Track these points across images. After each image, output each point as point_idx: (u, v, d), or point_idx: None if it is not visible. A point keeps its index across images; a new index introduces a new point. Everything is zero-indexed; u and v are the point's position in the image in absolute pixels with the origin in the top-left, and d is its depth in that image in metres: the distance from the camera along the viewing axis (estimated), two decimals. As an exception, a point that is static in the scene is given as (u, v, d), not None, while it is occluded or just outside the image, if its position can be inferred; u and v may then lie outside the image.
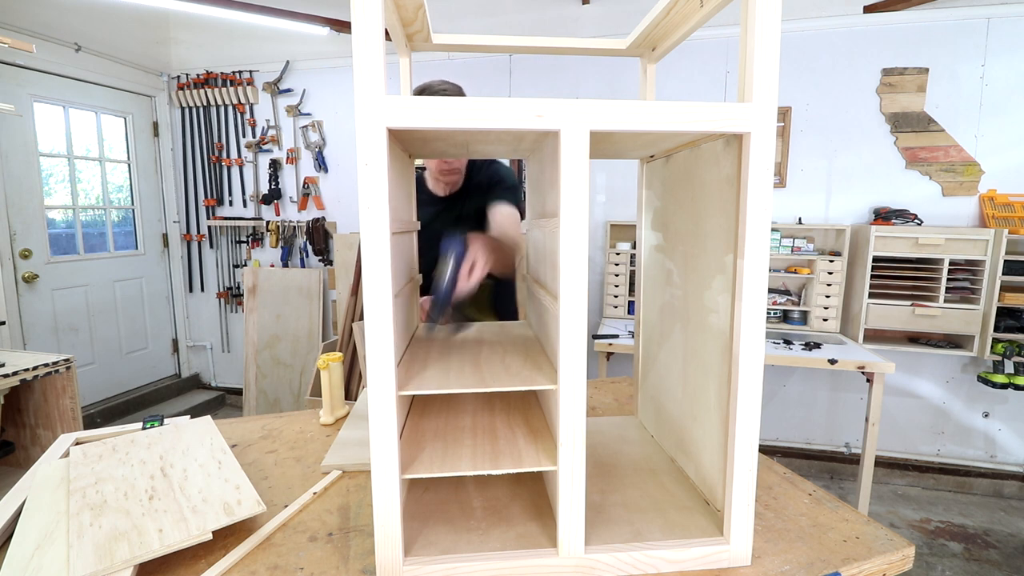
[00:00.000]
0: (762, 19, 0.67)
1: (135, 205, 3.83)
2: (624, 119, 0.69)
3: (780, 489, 0.99)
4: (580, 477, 0.73)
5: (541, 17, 3.25)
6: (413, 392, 0.74)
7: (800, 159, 3.00)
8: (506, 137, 0.84)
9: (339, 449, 1.11)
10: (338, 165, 3.71)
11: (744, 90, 0.70)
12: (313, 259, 3.79)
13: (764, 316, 0.73)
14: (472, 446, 0.81)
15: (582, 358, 0.72)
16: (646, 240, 1.15)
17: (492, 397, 1.03)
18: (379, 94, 0.63)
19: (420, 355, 0.93)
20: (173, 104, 3.90)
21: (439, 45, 1.07)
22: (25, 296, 3.14)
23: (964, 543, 2.46)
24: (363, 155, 0.65)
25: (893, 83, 2.81)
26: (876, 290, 2.74)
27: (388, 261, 0.66)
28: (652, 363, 1.13)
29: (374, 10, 0.61)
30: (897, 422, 3.01)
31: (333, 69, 3.62)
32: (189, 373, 4.18)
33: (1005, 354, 2.55)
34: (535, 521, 0.83)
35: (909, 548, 0.81)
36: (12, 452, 2.24)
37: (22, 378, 2.01)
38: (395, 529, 0.71)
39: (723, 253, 0.78)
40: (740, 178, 0.72)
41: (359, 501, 0.94)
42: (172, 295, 4.09)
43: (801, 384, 3.13)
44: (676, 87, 3.08)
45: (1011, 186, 2.74)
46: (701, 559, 0.76)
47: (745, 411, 0.74)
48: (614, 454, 1.06)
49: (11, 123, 3.03)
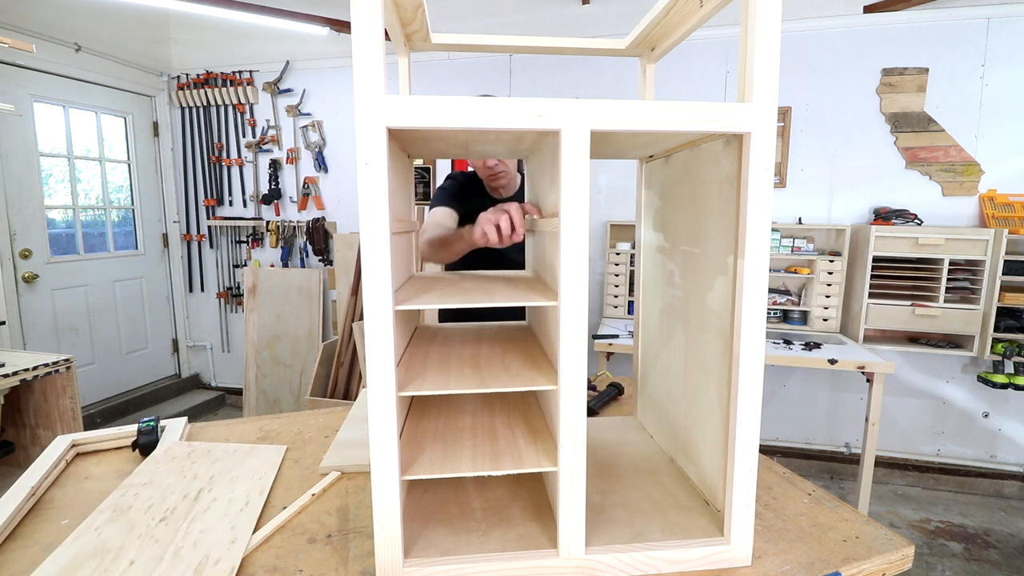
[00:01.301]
0: (762, 19, 0.66)
1: (135, 205, 3.83)
2: (624, 119, 0.68)
3: (780, 489, 0.99)
4: (580, 478, 0.73)
5: (541, 17, 3.25)
6: (413, 393, 0.74)
7: (800, 159, 3.00)
8: (506, 137, 0.84)
9: (338, 450, 1.11)
10: (338, 165, 3.71)
11: (744, 90, 0.70)
12: (313, 259, 3.79)
13: (764, 316, 0.73)
14: (472, 447, 0.81)
15: (582, 358, 0.72)
16: (646, 240, 1.15)
17: (492, 397, 1.03)
18: (379, 94, 0.63)
19: (420, 355, 0.93)
20: (173, 104, 3.90)
21: (438, 45, 1.07)
22: (25, 296, 3.13)
23: (964, 543, 2.45)
24: (363, 155, 0.64)
25: (893, 83, 2.81)
26: (876, 290, 2.74)
27: (388, 261, 0.66)
28: (652, 363, 1.13)
29: (374, 10, 0.61)
30: (897, 422, 3.00)
31: (333, 69, 3.62)
32: (189, 373, 4.18)
33: (1005, 354, 2.55)
34: (535, 522, 0.83)
35: (909, 548, 0.81)
36: (12, 452, 2.24)
37: (22, 378, 2.01)
38: (395, 531, 0.71)
39: (724, 253, 0.78)
40: (740, 178, 0.72)
41: (358, 502, 0.94)
42: (172, 295, 4.09)
43: (801, 384, 3.13)
44: (676, 87, 3.08)
45: (1011, 186, 2.73)
46: (702, 559, 0.76)
47: (745, 411, 0.74)
48: (614, 455, 1.06)
49: (11, 123, 3.02)
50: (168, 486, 0.96)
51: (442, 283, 0.97)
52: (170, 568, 0.73)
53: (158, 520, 0.85)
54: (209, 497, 0.92)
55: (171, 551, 0.77)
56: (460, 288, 0.90)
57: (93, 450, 1.14)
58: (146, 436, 1.12)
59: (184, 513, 0.87)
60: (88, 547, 0.78)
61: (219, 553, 0.77)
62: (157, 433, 1.14)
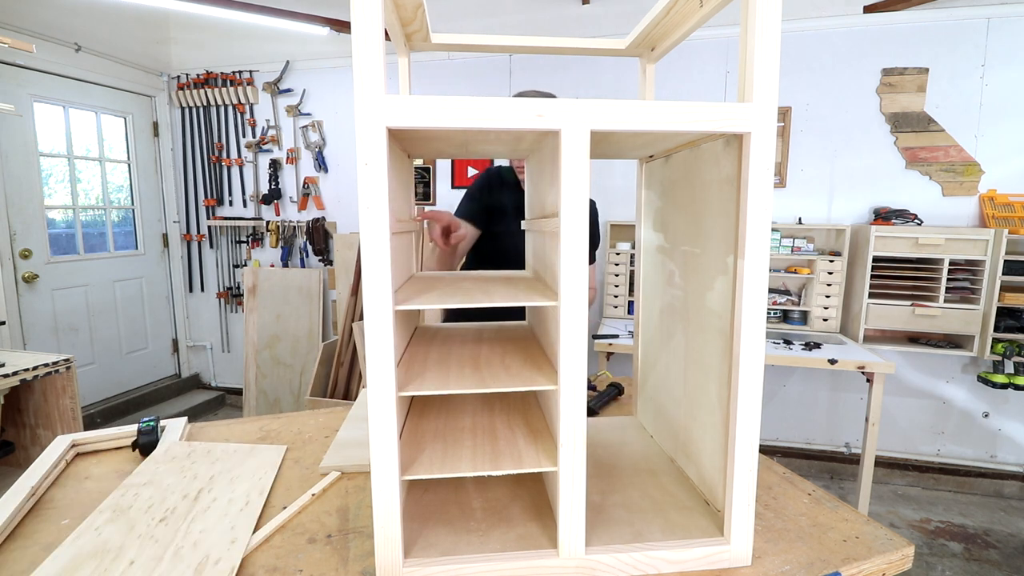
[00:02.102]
0: (762, 19, 0.66)
1: (135, 205, 3.83)
2: (625, 119, 0.68)
3: (780, 489, 0.99)
4: (580, 478, 0.73)
5: (541, 17, 3.25)
6: (413, 393, 0.74)
7: (800, 159, 3.00)
8: (506, 137, 0.84)
9: (338, 450, 1.11)
10: (338, 165, 3.71)
11: (744, 90, 0.70)
12: (313, 259, 3.79)
13: (764, 316, 0.73)
14: (472, 447, 0.81)
15: (582, 358, 0.72)
16: (645, 240, 1.15)
17: (492, 397, 1.03)
18: (379, 94, 0.63)
19: (420, 355, 0.93)
20: (173, 104, 3.90)
21: (438, 45, 1.07)
22: (25, 296, 3.13)
23: (964, 543, 2.45)
24: (363, 155, 0.64)
25: (893, 83, 2.81)
26: (876, 290, 2.74)
27: (388, 261, 0.66)
28: (652, 364, 1.13)
29: (374, 10, 0.61)
30: (897, 422, 3.00)
31: (333, 69, 3.62)
32: (189, 373, 4.18)
33: (1005, 354, 2.55)
34: (535, 522, 0.83)
35: (909, 548, 0.81)
36: (12, 452, 2.25)
37: (22, 378, 2.01)
38: (395, 531, 0.71)
39: (724, 254, 0.78)
40: (740, 178, 0.72)
41: (358, 502, 0.94)
42: (172, 295, 4.09)
43: (801, 384, 3.13)
44: (676, 87, 3.08)
45: (1011, 186, 2.73)
46: (702, 559, 0.76)
47: (745, 411, 0.74)
48: (614, 455, 1.06)
49: (11, 123, 3.02)
50: (168, 486, 0.96)
51: (442, 283, 0.97)
52: (170, 568, 0.73)
53: (158, 520, 0.85)
54: (209, 497, 0.92)
55: (171, 551, 0.77)
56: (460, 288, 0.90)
57: (93, 450, 1.14)
58: (146, 436, 1.12)
59: (184, 513, 0.87)
60: (88, 547, 0.78)
61: (219, 553, 0.77)
62: (157, 433, 1.14)
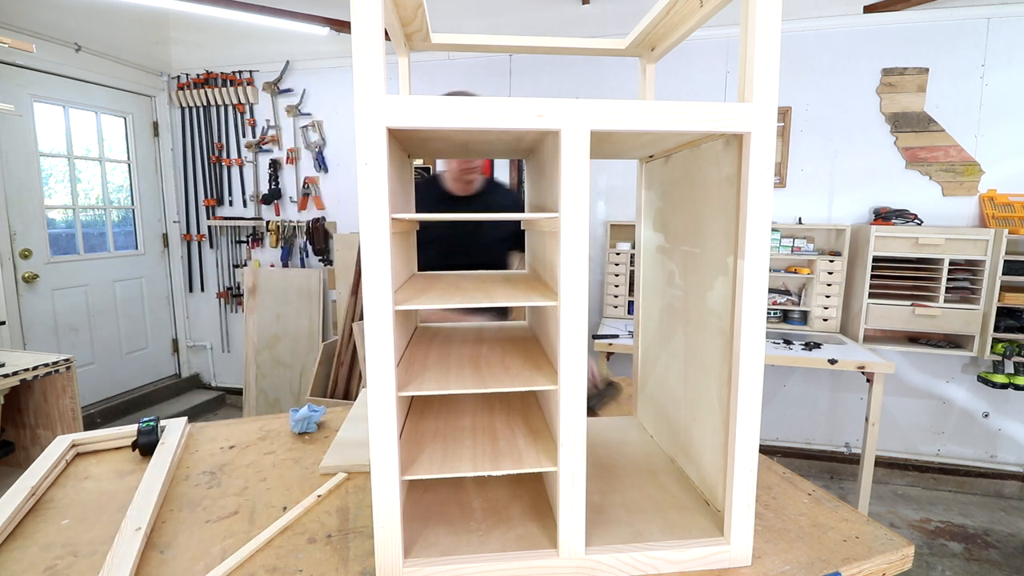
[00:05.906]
0: (762, 19, 0.66)
1: (135, 205, 3.83)
2: (625, 119, 0.68)
3: (780, 489, 0.99)
4: (580, 478, 0.73)
5: (541, 17, 3.25)
6: (413, 393, 0.74)
7: (800, 159, 3.00)
8: (506, 137, 0.84)
9: (338, 450, 1.11)
10: (338, 165, 3.71)
11: (744, 90, 0.70)
12: (313, 259, 3.79)
13: (764, 316, 0.73)
14: (472, 447, 0.81)
15: (582, 358, 0.72)
16: (645, 240, 1.15)
17: (492, 397, 1.03)
18: (379, 94, 0.63)
19: (420, 355, 0.93)
20: (173, 104, 3.90)
21: (438, 45, 1.07)
22: (25, 296, 3.13)
23: (964, 543, 2.45)
24: (363, 155, 0.64)
25: (893, 83, 2.81)
26: (876, 290, 2.74)
27: (388, 261, 0.66)
28: (652, 364, 1.13)
29: (374, 10, 0.61)
30: (897, 422, 3.00)
31: (333, 69, 3.61)
32: (189, 373, 4.18)
33: (1005, 354, 2.55)
34: (535, 522, 0.83)
35: (909, 548, 0.81)
36: (12, 452, 2.24)
37: (22, 378, 2.01)
38: (395, 531, 0.71)
39: (724, 254, 0.78)
40: (740, 178, 0.72)
41: (358, 502, 0.94)
42: (172, 295, 4.09)
43: (801, 384, 3.13)
44: (676, 87, 3.08)
45: (1011, 186, 2.73)
46: (702, 559, 0.76)
47: (745, 411, 0.74)
48: (614, 455, 1.06)
49: (11, 123, 3.02)
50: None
51: (442, 283, 0.97)
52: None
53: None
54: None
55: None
56: (460, 288, 0.90)
57: (93, 450, 1.14)
58: (146, 436, 1.12)
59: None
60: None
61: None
62: (157, 433, 1.14)
